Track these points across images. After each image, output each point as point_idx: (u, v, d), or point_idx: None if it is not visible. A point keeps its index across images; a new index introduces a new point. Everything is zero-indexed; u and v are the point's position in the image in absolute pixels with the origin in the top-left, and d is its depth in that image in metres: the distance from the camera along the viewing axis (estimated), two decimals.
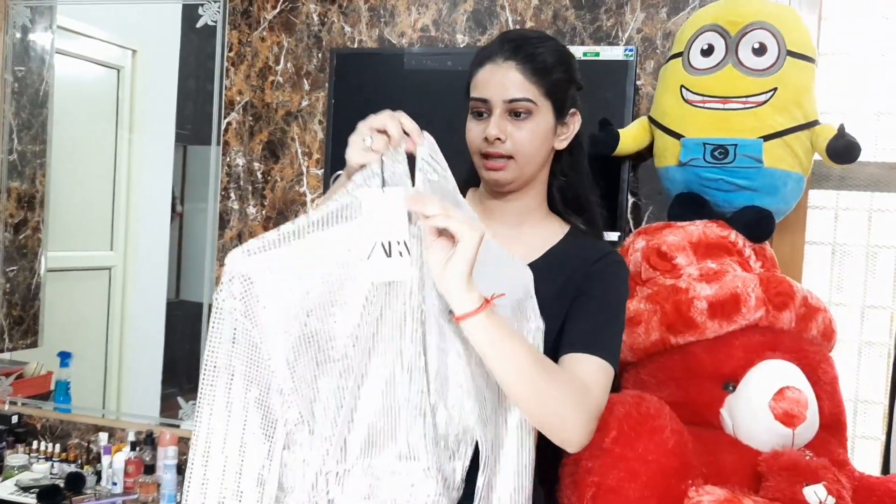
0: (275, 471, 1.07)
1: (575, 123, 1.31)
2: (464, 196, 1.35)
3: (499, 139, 1.23)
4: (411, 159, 1.07)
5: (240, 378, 1.05)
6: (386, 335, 1.06)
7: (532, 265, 1.25)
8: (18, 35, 2.67)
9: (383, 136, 1.06)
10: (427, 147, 1.07)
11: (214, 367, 1.06)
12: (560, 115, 1.27)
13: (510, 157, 1.24)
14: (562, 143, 1.30)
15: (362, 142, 1.06)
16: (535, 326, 1.18)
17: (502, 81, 1.22)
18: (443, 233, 1.02)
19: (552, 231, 1.33)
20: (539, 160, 1.27)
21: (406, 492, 1.09)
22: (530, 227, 1.33)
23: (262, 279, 1.04)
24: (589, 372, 1.17)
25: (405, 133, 1.06)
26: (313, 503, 1.08)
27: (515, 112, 1.23)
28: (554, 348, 1.22)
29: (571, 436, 1.13)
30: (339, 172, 1.16)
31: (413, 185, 1.05)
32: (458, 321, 1.04)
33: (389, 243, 1.03)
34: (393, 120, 1.06)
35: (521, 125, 1.23)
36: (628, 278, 1.34)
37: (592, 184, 1.37)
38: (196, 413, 1.07)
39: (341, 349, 1.06)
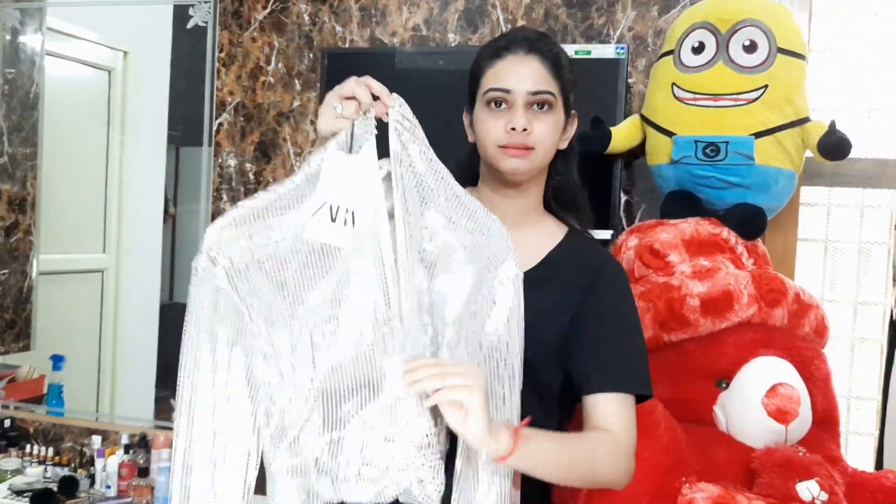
0: (258, 434, 1.08)
1: (574, 125, 1.31)
2: None
3: (525, 129, 1.21)
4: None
5: (223, 342, 1.07)
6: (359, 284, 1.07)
7: (529, 272, 1.24)
8: (8, 37, 2.66)
9: (353, 101, 1.08)
10: (398, 108, 1.08)
11: (198, 332, 1.07)
12: (567, 115, 1.28)
13: (531, 148, 1.23)
14: (563, 143, 1.30)
15: (333, 110, 1.08)
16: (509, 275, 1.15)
17: (528, 73, 1.21)
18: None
19: (550, 233, 1.32)
20: (551, 156, 1.28)
21: (402, 430, 1.07)
22: (528, 227, 1.31)
23: (239, 246, 1.06)
24: (613, 413, 1.19)
25: (374, 97, 1.08)
26: (304, 459, 1.08)
27: (539, 104, 1.22)
28: (557, 357, 1.23)
29: (618, 486, 1.20)
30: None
31: (390, 147, 1.07)
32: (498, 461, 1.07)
33: (337, 207, 1.04)
34: (360, 86, 1.08)
35: (543, 118, 1.22)
36: (629, 285, 1.32)
37: (581, 185, 1.37)
38: (179, 380, 1.08)
39: (316, 308, 1.07)
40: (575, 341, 1.23)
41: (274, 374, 1.08)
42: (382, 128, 1.08)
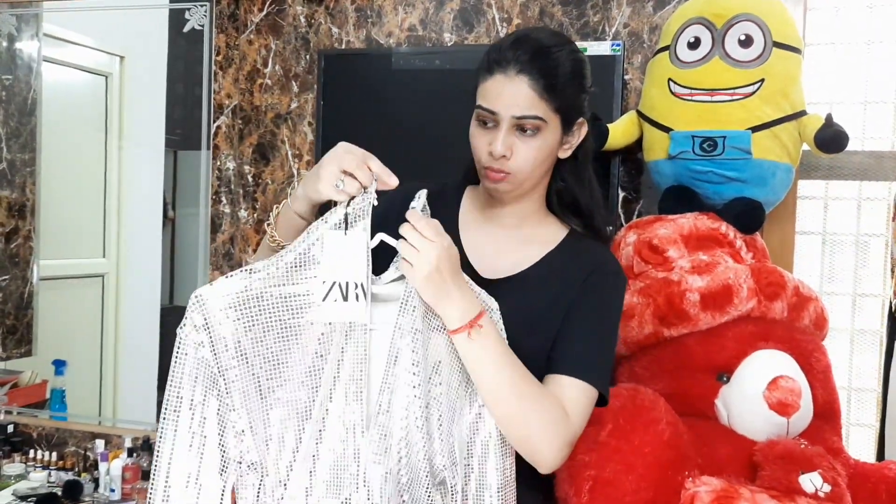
0: None
1: (581, 132, 1.28)
2: (462, 191, 1.37)
3: (505, 156, 1.20)
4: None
5: (199, 413, 1.08)
6: (344, 377, 1.09)
7: (525, 273, 1.27)
8: (5, 43, 2.66)
9: (354, 180, 1.09)
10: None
11: (178, 399, 1.08)
12: (567, 128, 1.25)
13: (509, 173, 1.22)
14: (565, 153, 1.28)
15: (334, 183, 1.10)
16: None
17: (513, 96, 1.18)
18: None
19: (550, 234, 1.32)
20: (540, 174, 1.26)
21: None
22: (529, 229, 1.31)
23: (224, 317, 1.07)
24: (571, 398, 1.18)
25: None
26: None
27: (523, 128, 1.20)
28: (546, 363, 1.22)
29: (543, 460, 1.16)
30: (287, 202, 1.19)
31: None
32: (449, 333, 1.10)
33: (347, 285, 1.07)
34: (362, 170, 1.10)
35: (528, 141, 1.20)
36: (625, 288, 1.32)
37: (595, 190, 1.34)
38: (157, 446, 1.09)
39: (295, 391, 1.09)
40: (560, 329, 1.23)
41: (247, 453, 1.09)
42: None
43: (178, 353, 1.09)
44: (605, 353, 1.25)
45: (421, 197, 1.17)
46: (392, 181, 1.11)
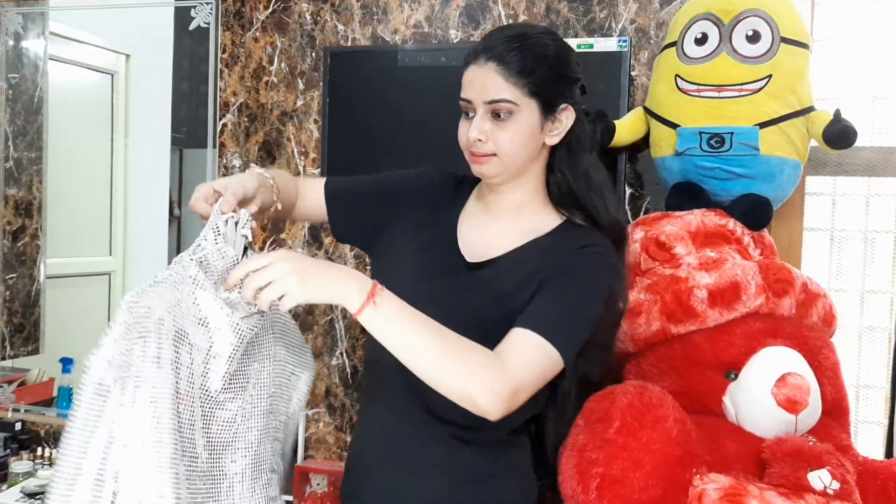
0: None
1: (566, 119, 1.30)
2: (474, 185, 1.42)
3: (479, 140, 1.25)
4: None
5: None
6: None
7: (510, 252, 1.30)
8: (11, 42, 2.66)
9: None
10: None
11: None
12: (548, 112, 1.27)
13: (493, 154, 1.27)
14: (553, 139, 1.30)
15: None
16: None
17: (483, 83, 1.24)
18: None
19: (545, 222, 1.34)
20: (525, 157, 1.28)
21: None
22: (525, 219, 1.34)
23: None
24: (521, 347, 1.15)
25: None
26: None
27: (496, 113, 1.24)
28: None
29: (483, 407, 1.12)
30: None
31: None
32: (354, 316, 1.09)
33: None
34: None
35: (503, 125, 1.25)
36: (608, 271, 1.29)
37: (593, 180, 1.34)
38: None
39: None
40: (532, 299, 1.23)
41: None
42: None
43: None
44: (571, 318, 1.22)
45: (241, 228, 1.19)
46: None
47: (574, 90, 1.31)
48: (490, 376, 1.11)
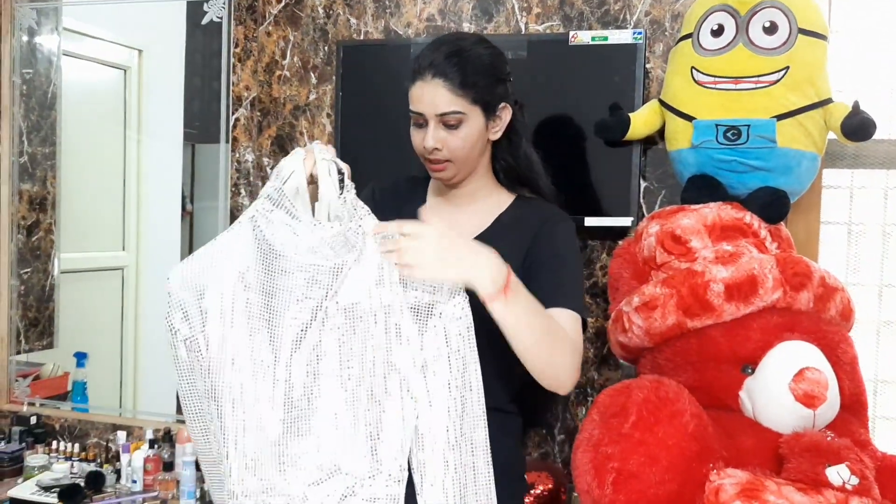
0: None
1: (505, 116, 1.43)
2: (427, 182, 1.53)
3: (437, 148, 1.37)
4: None
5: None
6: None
7: (484, 233, 1.42)
8: (25, 38, 2.67)
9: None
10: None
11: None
12: (490, 113, 1.40)
13: (448, 160, 1.39)
14: (496, 135, 1.43)
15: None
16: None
17: (432, 98, 1.35)
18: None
19: (500, 200, 1.48)
20: (475, 155, 1.42)
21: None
22: (481, 201, 1.48)
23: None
24: (566, 323, 1.30)
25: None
26: None
27: (447, 123, 1.36)
28: None
29: (565, 383, 1.28)
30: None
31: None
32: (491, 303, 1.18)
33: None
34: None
35: (455, 133, 1.37)
36: (574, 231, 1.45)
37: (533, 163, 1.49)
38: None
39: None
40: (531, 277, 1.33)
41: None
42: None
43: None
44: (575, 284, 1.40)
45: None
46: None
47: (507, 88, 1.43)
48: (572, 362, 1.28)
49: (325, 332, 1.20)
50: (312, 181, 1.23)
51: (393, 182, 1.59)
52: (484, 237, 1.39)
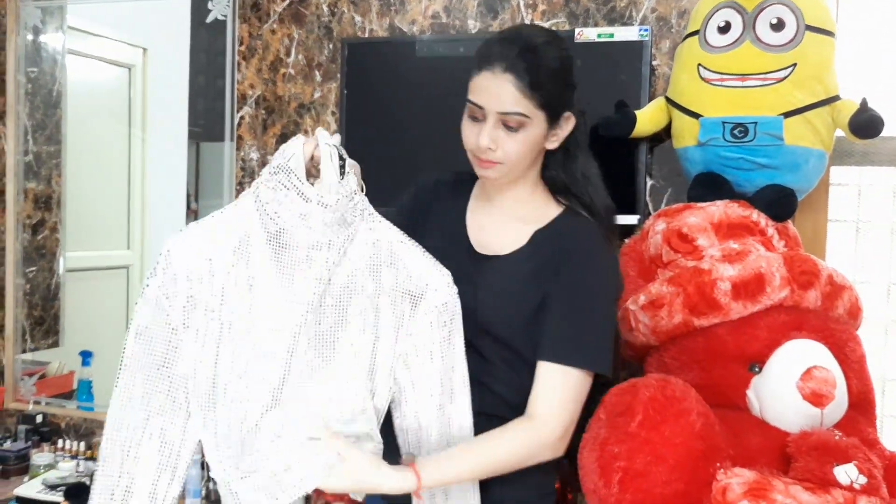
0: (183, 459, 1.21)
1: (567, 126, 1.34)
2: (475, 179, 1.45)
3: (490, 148, 1.29)
4: None
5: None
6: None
7: (514, 254, 1.36)
8: (30, 36, 2.67)
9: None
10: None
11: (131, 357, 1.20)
12: (553, 121, 1.31)
13: (498, 162, 1.31)
14: (552, 145, 1.35)
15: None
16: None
17: (498, 93, 1.26)
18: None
19: (546, 213, 1.39)
20: (527, 162, 1.34)
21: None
22: (524, 210, 1.39)
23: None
24: (550, 386, 1.26)
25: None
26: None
27: (507, 123, 1.27)
28: (527, 330, 1.30)
29: (545, 458, 1.28)
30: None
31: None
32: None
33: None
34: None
35: (513, 136, 1.28)
36: (607, 263, 1.36)
37: (591, 182, 1.39)
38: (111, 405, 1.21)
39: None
40: (542, 315, 1.30)
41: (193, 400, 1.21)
42: None
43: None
44: (589, 329, 1.29)
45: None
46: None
47: (574, 96, 1.35)
48: (537, 449, 1.26)
49: (322, 310, 1.20)
50: (314, 167, 1.22)
51: (439, 176, 1.52)
52: (513, 259, 1.35)
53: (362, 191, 1.29)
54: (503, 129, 1.28)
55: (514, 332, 1.32)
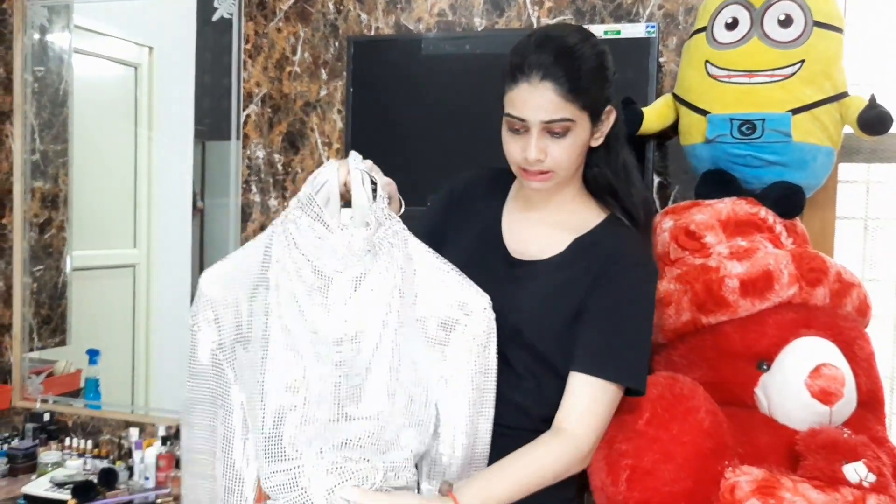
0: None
1: (610, 120, 1.32)
2: (512, 178, 1.43)
3: (539, 160, 1.26)
4: None
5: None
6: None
7: (556, 258, 1.32)
8: (37, 35, 2.68)
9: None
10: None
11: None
12: (596, 119, 1.29)
13: (549, 171, 1.28)
14: (597, 141, 1.32)
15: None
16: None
17: (539, 103, 1.22)
18: None
19: (585, 219, 1.36)
20: (576, 166, 1.32)
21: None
22: (564, 215, 1.36)
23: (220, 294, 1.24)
24: (580, 399, 1.24)
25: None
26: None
27: (552, 130, 1.24)
28: (563, 338, 1.27)
29: (575, 471, 1.27)
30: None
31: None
32: None
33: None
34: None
35: (560, 142, 1.25)
36: (648, 281, 1.33)
37: (630, 174, 1.38)
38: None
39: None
40: (578, 325, 1.27)
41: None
42: None
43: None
44: (626, 344, 1.27)
45: None
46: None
47: (612, 89, 1.31)
48: (570, 465, 1.24)
49: (356, 343, 1.19)
50: (346, 192, 1.21)
51: (475, 173, 1.49)
52: (554, 263, 1.33)
53: (401, 207, 1.28)
54: (549, 137, 1.25)
55: (545, 340, 1.29)
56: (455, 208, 1.45)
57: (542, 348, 1.30)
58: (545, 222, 1.36)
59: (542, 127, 1.23)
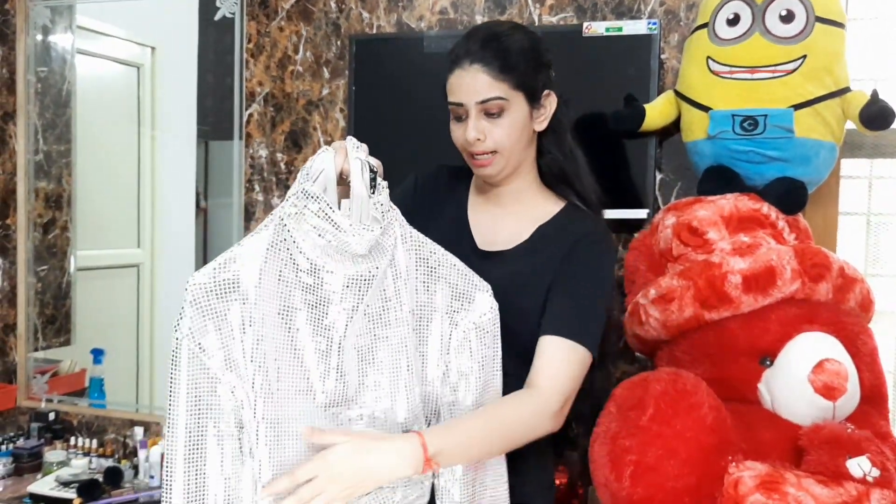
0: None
1: (550, 104, 1.37)
2: (471, 176, 1.47)
3: (479, 139, 1.32)
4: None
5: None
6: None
7: (523, 244, 1.39)
8: (39, 36, 2.69)
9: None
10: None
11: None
12: (534, 100, 1.34)
13: (494, 152, 1.33)
14: (541, 125, 1.38)
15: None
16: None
17: (472, 84, 1.29)
18: None
19: (544, 209, 1.41)
20: (521, 147, 1.36)
21: None
22: (524, 205, 1.42)
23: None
24: (553, 357, 1.28)
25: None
26: None
27: (489, 111, 1.31)
28: (535, 327, 1.31)
29: (548, 432, 1.27)
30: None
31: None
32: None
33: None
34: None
35: (497, 122, 1.31)
36: (609, 256, 1.40)
37: (578, 158, 1.43)
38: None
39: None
40: (548, 298, 1.33)
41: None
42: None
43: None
44: (590, 313, 1.33)
45: None
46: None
47: (550, 75, 1.37)
48: (538, 419, 1.25)
49: (358, 338, 1.18)
50: (343, 180, 1.17)
51: (436, 171, 1.53)
52: (522, 249, 1.38)
53: (384, 190, 1.26)
54: (486, 118, 1.31)
55: (525, 325, 1.32)
56: (420, 201, 1.48)
57: (522, 334, 1.31)
58: (506, 212, 1.42)
59: (478, 109, 1.30)
